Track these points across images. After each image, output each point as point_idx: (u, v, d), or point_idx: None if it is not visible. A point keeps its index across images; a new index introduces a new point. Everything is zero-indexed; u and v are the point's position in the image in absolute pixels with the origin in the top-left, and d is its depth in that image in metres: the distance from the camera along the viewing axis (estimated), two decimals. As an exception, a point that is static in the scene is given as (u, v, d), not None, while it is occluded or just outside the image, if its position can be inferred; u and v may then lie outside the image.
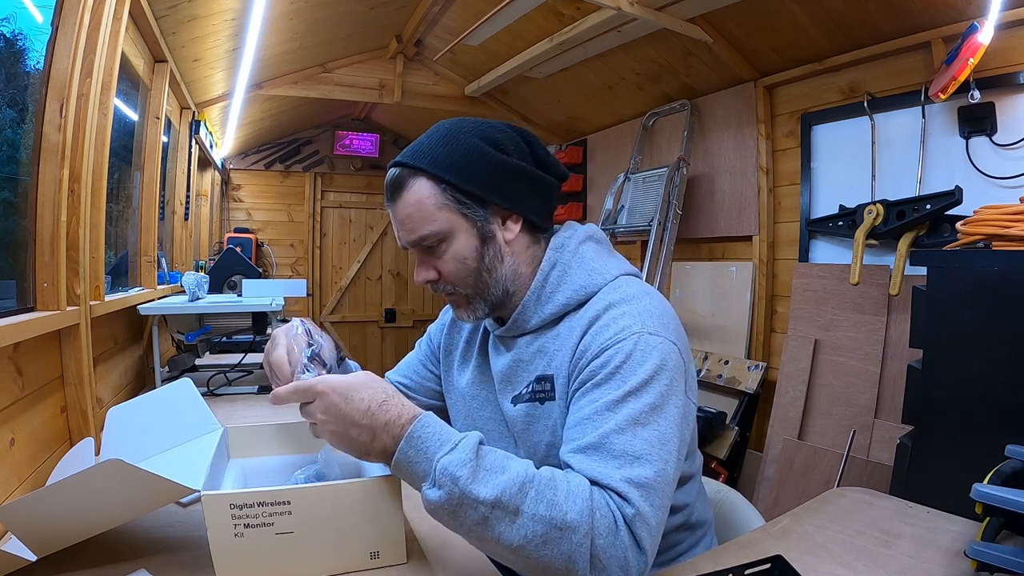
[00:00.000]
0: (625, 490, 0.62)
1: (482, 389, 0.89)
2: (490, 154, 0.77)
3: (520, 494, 0.60)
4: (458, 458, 0.61)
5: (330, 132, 4.98)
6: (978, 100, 1.83)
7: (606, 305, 0.75)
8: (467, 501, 0.60)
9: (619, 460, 0.63)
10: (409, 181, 0.77)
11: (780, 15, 2.22)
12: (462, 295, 0.81)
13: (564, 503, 0.60)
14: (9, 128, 1.27)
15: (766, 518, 0.91)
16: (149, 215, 2.25)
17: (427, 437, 0.63)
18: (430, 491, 0.61)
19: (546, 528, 0.59)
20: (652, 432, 0.65)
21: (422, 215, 0.76)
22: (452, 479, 0.60)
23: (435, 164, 0.76)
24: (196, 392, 1.01)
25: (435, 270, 0.80)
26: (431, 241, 0.78)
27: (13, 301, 1.19)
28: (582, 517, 0.59)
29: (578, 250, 0.82)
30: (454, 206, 0.76)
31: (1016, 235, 1.35)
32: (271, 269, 4.79)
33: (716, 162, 2.87)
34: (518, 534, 0.59)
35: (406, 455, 0.63)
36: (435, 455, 0.62)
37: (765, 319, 2.66)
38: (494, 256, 0.79)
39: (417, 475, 0.62)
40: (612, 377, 0.68)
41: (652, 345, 0.69)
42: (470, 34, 2.69)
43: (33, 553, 0.67)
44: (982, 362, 1.35)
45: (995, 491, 0.69)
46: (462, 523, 0.61)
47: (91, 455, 1.00)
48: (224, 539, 0.62)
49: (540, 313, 0.80)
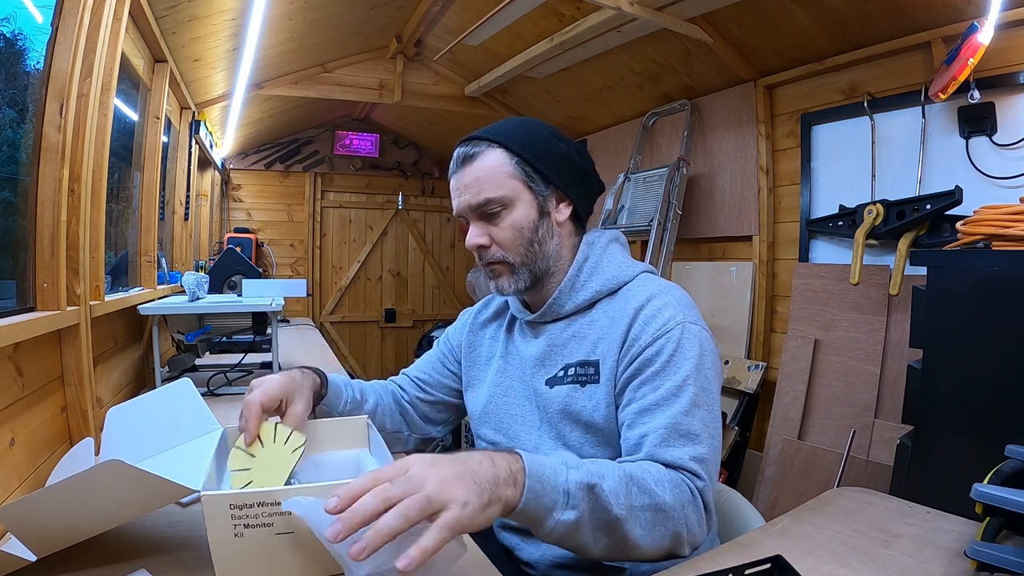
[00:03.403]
0: (695, 468, 0.72)
1: (506, 377, 0.95)
2: (557, 144, 0.89)
3: (627, 490, 0.66)
4: (582, 472, 0.64)
5: (330, 132, 4.98)
6: (978, 100, 1.83)
7: (647, 297, 0.83)
8: (601, 506, 0.63)
9: (685, 439, 0.73)
10: (485, 151, 0.86)
11: (780, 15, 2.22)
12: (508, 264, 0.88)
13: (656, 488, 0.68)
14: (9, 128, 1.27)
15: (766, 518, 0.91)
16: (149, 215, 2.24)
17: (543, 469, 0.61)
18: (567, 514, 0.61)
19: (653, 515, 0.67)
20: (706, 412, 0.76)
21: (492, 181, 0.85)
22: (589, 489, 0.63)
23: (511, 140, 0.86)
24: (196, 392, 1.02)
25: (488, 236, 0.87)
26: (494, 206, 0.85)
27: (13, 301, 1.18)
28: (673, 498, 0.69)
29: (607, 247, 0.92)
30: (522, 178, 0.86)
31: (1016, 235, 1.35)
32: (271, 269, 4.78)
33: (716, 162, 2.87)
34: (637, 526, 0.66)
35: (533, 490, 0.59)
36: (559, 480, 0.61)
37: (765, 319, 2.66)
38: (546, 231, 0.88)
39: (545, 507, 0.60)
40: (668, 365, 0.77)
41: (694, 333, 0.80)
42: (470, 34, 2.68)
43: (33, 553, 0.67)
44: (982, 362, 1.35)
45: (995, 491, 0.69)
46: (595, 533, 0.65)
47: (91, 455, 1.00)
48: (224, 539, 0.62)
49: (574, 299, 0.88)
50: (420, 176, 5.35)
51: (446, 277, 5.54)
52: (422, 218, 5.45)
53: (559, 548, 0.82)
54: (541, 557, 0.87)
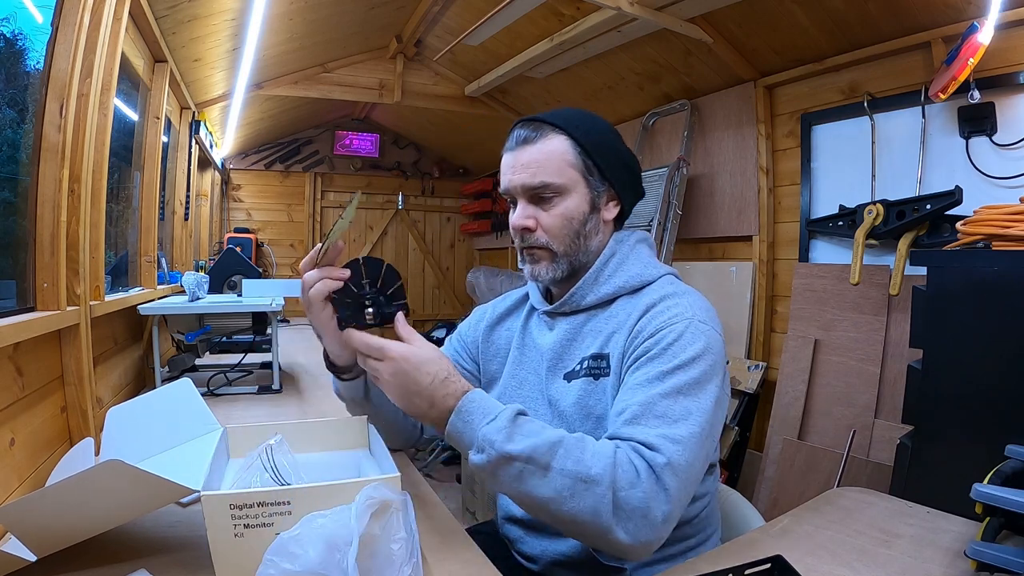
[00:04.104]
0: (659, 443, 0.68)
1: (521, 368, 0.95)
2: (620, 145, 0.91)
3: (550, 452, 0.67)
4: (496, 426, 0.69)
5: (330, 132, 4.98)
6: (978, 100, 1.83)
7: (661, 296, 0.83)
8: (502, 460, 0.68)
9: (659, 419, 0.71)
10: (549, 134, 0.86)
11: (780, 15, 2.22)
12: (551, 251, 0.87)
13: (589, 460, 0.66)
14: (9, 128, 1.27)
15: (766, 518, 0.91)
16: (149, 215, 2.25)
17: (473, 411, 0.71)
18: (475, 456, 0.70)
19: (572, 482, 0.66)
20: (691, 402, 0.72)
21: (552, 165, 0.85)
22: (490, 443, 0.68)
23: (576, 130, 0.86)
24: (196, 392, 1.02)
25: (535, 219, 0.87)
26: (549, 192, 0.85)
27: (13, 301, 1.18)
28: (605, 471, 0.65)
29: (635, 247, 0.92)
30: (581, 169, 0.86)
31: (1016, 235, 1.35)
32: (271, 269, 4.79)
33: (716, 162, 2.86)
34: (548, 487, 0.66)
35: (455, 427, 0.71)
36: (478, 425, 0.70)
37: (765, 319, 2.66)
38: (593, 226, 0.88)
39: (464, 443, 0.71)
40: (663, 353, 0.76)
41: (701, 331, 0.77)
42: (470, 34, 2.69)
43: (33, 553, 0.67)
44: (982, 362, 1.35)
45: (995, 491, 0.69)
46: (500, 481, 0.69)
47: (91, 455, 1.00)
48: (224, 539, 0.62)
49: (596, 292, 0.88)
50: (420, 176, 5.35)
51: (446, 277, 5.55)
52: (422, 218, 5.46)
53: (560, 545, 0.85)
54: (542, 552, 0.88)
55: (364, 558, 0.59)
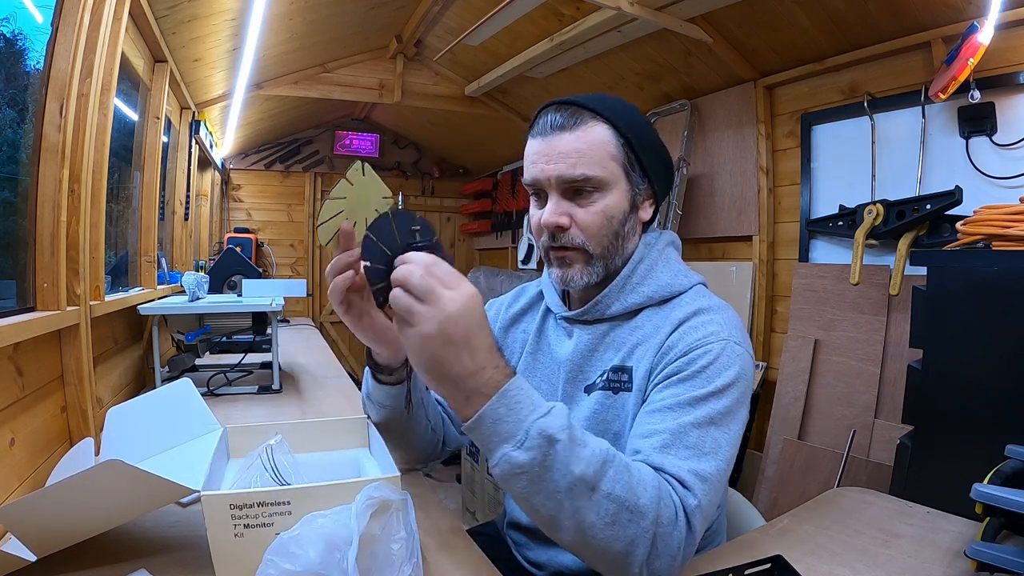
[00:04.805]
0: (691, 481, 0.63)
1: (533, 376, 0.88)
2: (659, 140, 0.82)
3: (601, 471, 0.58)
4: (556, 423, 0.58)
5: (330, 132, 4.98)
6: (978, 100, 1.83)
7: (695, 310, 0.76)
8: (557, 467, 0.57)
9: (690, 451, 0.65)
10: (590, 121, 0.76)
11: (780, 15, 2.22)
12: (586, 253, 0.78)
13: (638, 488, 0.59)
14: (9, 128, 1.27)
15: (766, 518, 0.91)
16: (149, 215, 2.25)
17: (521, 398, 0.59)
18: (516, 452, 0.57)
19: (618, 509, 0.58)
20: (722, 433, 0.67)
21: (593, 156, 0.75)
22: (549, 442, 0.57)
23: (619, 119, 0.77)
24: (196, 392, 1.02)
25: (570, 217, 0.77)
26: (589, 185, 0.76)
27: (13, 301, 1.18)
28: (651, 504, 0.59)
29: (664, 251, 0.84)
30: (624, 163, 0.77)
31: (1016, 235, 1.35)
32: (271, 269, 4.79)
33: (716, 162, 2.86)
34: (592, 511, 0.58)
35: (496, 411, 0.58)
36: (527, 416, 0.58)
37: (765, 319, 2.66)
38: (631, 227, 0.81)
39: (500, 434, 0.58)
40: (698, 376, 0.70)
41: (736, 354, 0.72)
42: (470, 34, 2.69)
43: (33, 553, 0.67)
44: (982, 362, 1.35)
45: (995, 491, 0.69)
46: (540, 490, 0.58)
47: (91, 455, 1.00)
48: (224, 539, 0.62)
49: (623, 301, 0.80)
50: (420, 176, 5.35)
51: (446, 277, 5.54)
52: (422, 218, 5.45)
53: (567, 555, 0.80)
54: (548, 561, 0.86)
55: (364, 558, 0.59)
